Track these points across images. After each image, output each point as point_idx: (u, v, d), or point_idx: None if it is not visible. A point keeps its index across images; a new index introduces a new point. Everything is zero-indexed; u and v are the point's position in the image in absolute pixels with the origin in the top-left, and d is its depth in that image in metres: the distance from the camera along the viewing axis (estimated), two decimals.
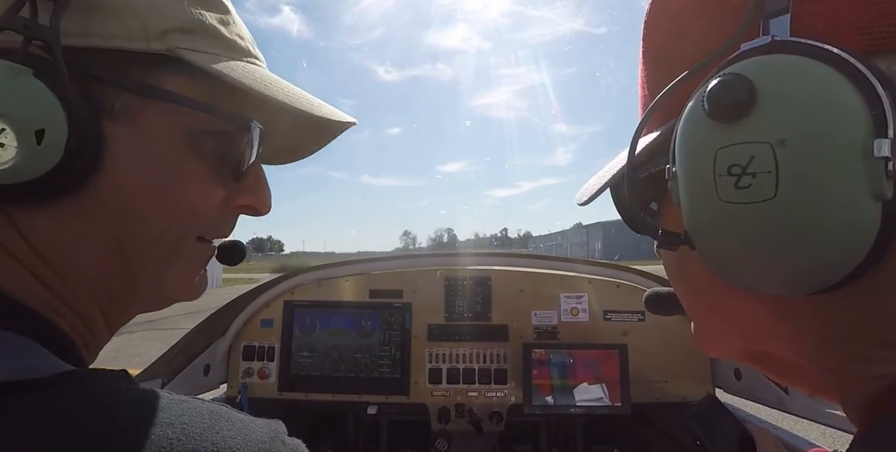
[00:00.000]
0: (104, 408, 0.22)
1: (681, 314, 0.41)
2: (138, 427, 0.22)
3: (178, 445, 0.22)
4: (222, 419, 0.25)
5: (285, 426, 0.29)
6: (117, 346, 6.40)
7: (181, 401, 0.25)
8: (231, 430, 0.24)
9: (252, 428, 0.26)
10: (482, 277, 1.31)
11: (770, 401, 1.01)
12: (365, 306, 1.29)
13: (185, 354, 1.16)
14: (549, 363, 1.18)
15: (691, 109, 0.25)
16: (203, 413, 0.25)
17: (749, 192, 0.22)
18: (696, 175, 0.25)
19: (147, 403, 0.23)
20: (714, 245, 0.26)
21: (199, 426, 0.23)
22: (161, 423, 0.22)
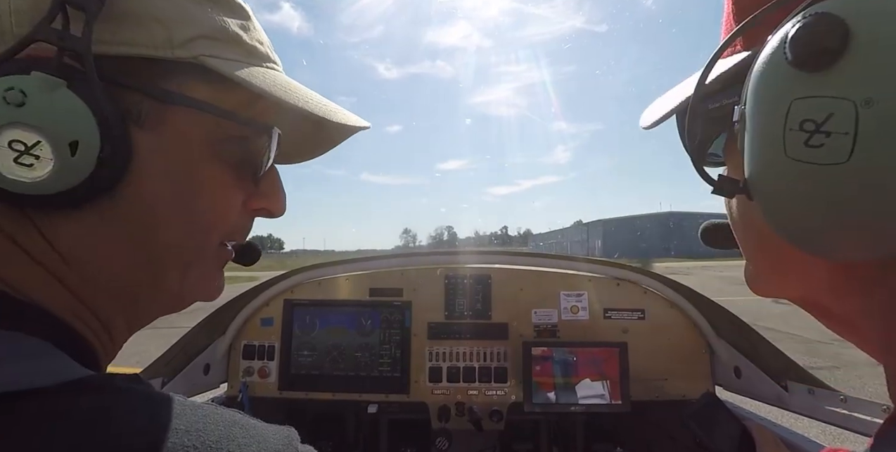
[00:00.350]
0: (119, 417, 0.22)
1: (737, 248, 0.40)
2: (154, 436, 0.22)
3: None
4: (237, 426, 0.25)
5: (286, 425, 0.29)
6: None
7: (196, 408, 0.25)
8: (246, 438, 0.25)
9: (266, 435, 0.26)
10: (482, 275, 1.31)
11: (769, 399, 1.01)
12: (365, 304, 1.29)
13: (185, 353, 1.16)
14: (553, 361, 1.18)
15: (770, 51, 0.22)
16: (218, 420, 0.25)
17: (819, 152, 0.20)
18: (765, 124, 0.23)
19: (162, 410, 0.23)
20: (773, 201, 0.24)
21: (215, 433, 0.24)
22: (177, 430, 0.22)
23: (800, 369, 0.98)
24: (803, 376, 0.96)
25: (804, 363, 1.05)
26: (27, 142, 0.25)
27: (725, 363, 1.17)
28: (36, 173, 0.26)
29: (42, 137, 0.25)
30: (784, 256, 0.29)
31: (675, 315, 1.25)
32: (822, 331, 2.14)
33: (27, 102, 0.25)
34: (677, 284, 1.27)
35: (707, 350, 1.21)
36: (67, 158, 0.26)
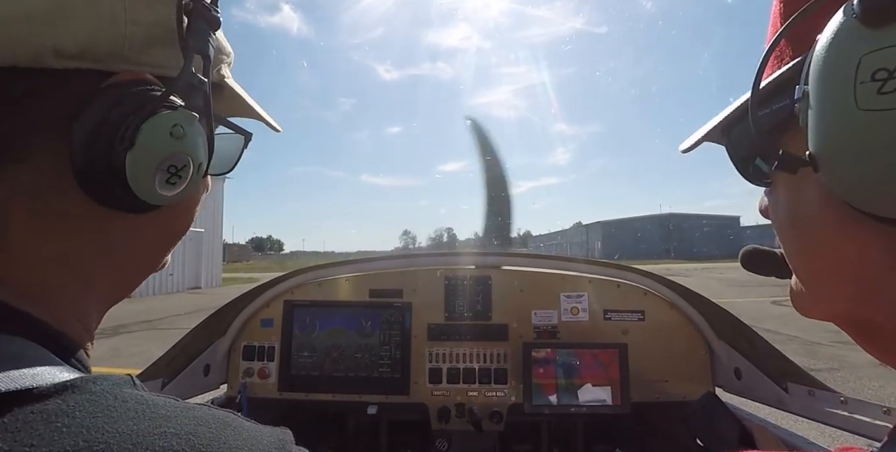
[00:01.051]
0: (107, 421, 0.22)
1: (777, 276, 0.40)
2: (142, 440, 0.21)
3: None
4: (229, 428, 0.25)
5: (286, 427, 0.29)
6: (117, 346, 6.40)
7: (187, 409, 0.25)
8: (238, 440, 0.24)
9: (258, 437, 0.26)
10: (482, 276, 1.31)
11: (770, 400, 1.01)
12: (365, 305, 1.29)
13: (185, 354, 1.16)
14: (555, 363, 1.18)
15: (837, 19, 0.23)
16: (210, 422, 0.24)
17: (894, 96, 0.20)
18: (834, 86, 0.23)
19: (152, 413, 0.23)
20: (844, 162, 0.24)
21: (206, 436, 0.23)
22: (167, 434, 0.22)
23: (800, 370, 0.98)
24: (803, 377, 0.96)
25: (804, 364, 1.06)
26: (178, 165, 0.32)
27: (725, 365, 1.16)
28: (176, 190, 0.32)
29: (189, 163, 0.32)
30: (836, 248, 0.28)
31: (676, 317, 1.25)
32: (822, 333, 2.17)
33: (184, 137, 0.31)
34: (677, 285, 1.27)
35: (707, 352, 1.21)
36: (196, 175, 0.34)
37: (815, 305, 0.33)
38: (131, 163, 0.29)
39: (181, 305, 11.11)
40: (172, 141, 0.30)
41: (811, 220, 0.29)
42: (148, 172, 0.30)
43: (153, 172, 0.30)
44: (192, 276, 16.60)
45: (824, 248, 0.29)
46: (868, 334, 0.31)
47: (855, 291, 0.29)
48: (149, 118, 0.29)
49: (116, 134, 0.28)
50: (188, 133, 0.31)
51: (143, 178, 0.30)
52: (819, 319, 0.34)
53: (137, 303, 11.30)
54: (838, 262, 0.29)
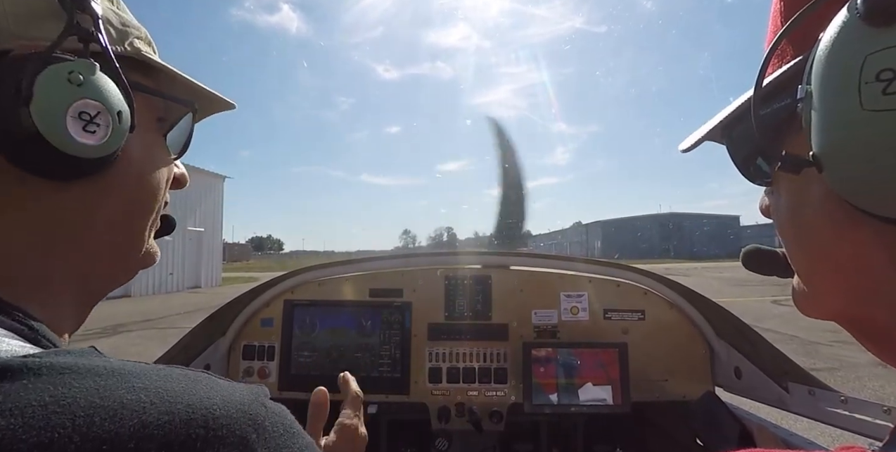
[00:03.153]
0: (75, 377, 0.22)
1: (778, 276, 0.40)
2: (109, 394, 0.21)
3: (151, 408, 0.21)
4: (200, 382, 0.25)
5: None
6: (117, 345, 6.40)
7: (159, 369, 0.25)
8: (209, 391, 0.24)
9: (232, 391, 0.25)
10: (482, 276, 1.31)
11: (770, 400, 1.01)
12: (365, 305, 1.29)
13: (185, 353, 1.16)
14: (556, 363, 1.18)
15: (841, 18, 0.23)
16: (181, 377, 0.24)
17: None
18: (838, 86, 0.23)
19: (121, 371, 0.23)
20: (847, 162, 0.24)
21: (176, 389, 0.23)
22: (135, 388, 0.22)
23: (800, 370, 0.98)
24: (804, 377, 0.96)
25: (804, 364, 1.05)
26: (91, 113, 0.32)
27: (725, 364, 1.16)
28: (98, 139, 0.32)
29: (104, 109, 0.32)
30: (838, 247, 0.28)
31: (676, 316, 1.25)
32: (822, 332, 2.16)
33: (84, 82, 0.31)
34: (677, 284, 1.27)
35: (707, 351, 1.21)
36: (117, 125, 0.33)
37: (817, 304, 0.33)
38: (37, 114, 0.29)
39: (181, 304, 11.12)
40: (73, 87, 0.31)
41: (813, 219, 0.29)
42: (58, 120, 0.30)
43: (63, 119, 0.30)
44: (191, 275, 16.60)
45: (826, 247, 0.29)
46: (869, 333, 0.31)
47: (856, 290, 0.29)
48: (42, 70, 0.30)
49: (15, 92, 0.29)
50: (89, 80, 0.32)
51: (55, 127, 0.30)
52: (821, 318, 0.34)
53: (137, 302, 11.31)
54: (840, 261, 0.29)
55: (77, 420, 0.20)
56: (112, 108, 0.33)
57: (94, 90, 0.32)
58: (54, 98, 0.30)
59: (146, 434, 0.20)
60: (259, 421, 0.24)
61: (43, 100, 0.30)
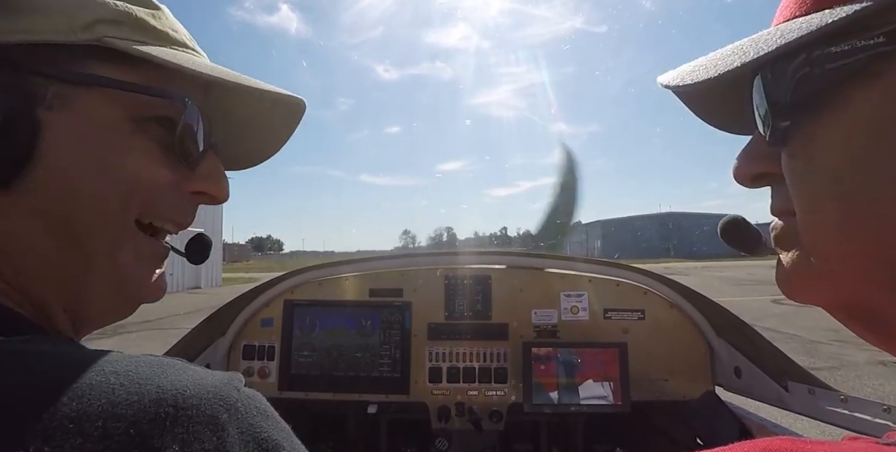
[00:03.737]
0: (43, 361, 0.22)
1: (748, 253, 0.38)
2: (78, 377, 0.21)
3: (120, 389, 0.21)
4: (174, 367, 0.24)
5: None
6: (116, 345, 6.40)
7: (133, 356, 0.24)
8: (180, 375, 0.24)
9: (205, 375, 0.25)
10: (482, 275, 1.31)
11: (770, 399, 1.01)
12: (365, 305, 1.29)
13: (185, 353, 1.16)
14: (557, 361, 1.18)
15: None
16: (153, 362, 0.24)
17: None
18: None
19: (92, 356, 0.23)
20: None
21: (146, 373, 0.23)
22: (104, 372, 0.22)
23: (800, 369, 0.98)
24: (803, 376, 0.96)
25: (804, 363, 1.05)
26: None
27: (725, 363, 1.17)
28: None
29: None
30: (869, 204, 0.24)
31: (676, 316, 1.25)
32: (821, 331, 2.17)
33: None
34: (677, 284, 1.27)
35: (707, 350, 1.21)
36: (13, 130, 0.28)
37: (825, 286, 0.29)
38: None
39: (181, 305, 11.11)
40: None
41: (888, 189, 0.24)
42: None
43: None
44: (191, 276, 16.59)
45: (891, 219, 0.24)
46: (866, 322, 0.28)
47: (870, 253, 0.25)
48: None
49: None
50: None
51: None
52: (817, 303, 0.30)
53: None
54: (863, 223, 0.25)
55: (46, 401, 0.20)
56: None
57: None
58: None
59: (114, 412, 0.20)
60: (231, 402, 0.24)
61: None
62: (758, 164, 0.32)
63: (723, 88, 0.32)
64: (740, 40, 0.30)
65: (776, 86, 0.28)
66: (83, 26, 0.31)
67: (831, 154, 0.26)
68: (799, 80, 0.26)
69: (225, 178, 0.40)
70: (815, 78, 0.26)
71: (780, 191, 0.31)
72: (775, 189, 0.32)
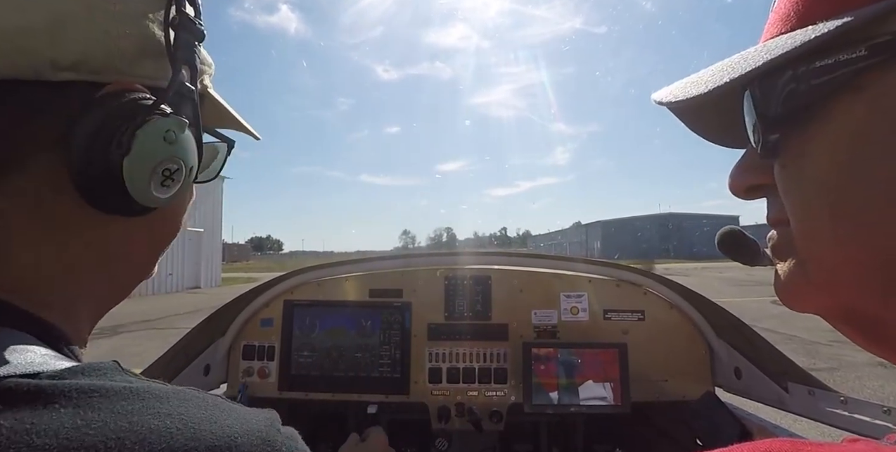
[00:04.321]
0: (102, 401, 0.23)
1: (745, 263, 0.39)
2: (137, 420, 0.22)
3: (177, 434, 0.22)
4: (219, 408, 0.26)
5: (287, 426, 0.29)
6: (116, 345, 6.39)
7: (178, 391, 0.26)
8: (228, 419, 0.25)
9: (248, 417, 0.27)
10: (482, 276, 1.31)
11: (770, 400, 1.01)
12: (365, 305, 1.29)
13: (185, 354, 1.16)
14: (557, 362, 1.18)
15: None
16: (200, 402, 0.26)
17: None
18: None
19: (145, 394, 0.24)
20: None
21: (197, 415, 0.24)
22: (160, 414, 0.23)
23: (800, 370, 0.98)
24: (803, 377, 0.96)
25: (804, 364, 1.05)
26: (171, 169, 0.33)
27: (725, 364, 1.17)
28: (170, 192, 0.34)
29: (181, 165, 0.34)
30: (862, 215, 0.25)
31: (675, 316, 1.25)
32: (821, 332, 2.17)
33: (176, 141, 0.33)
34: (677, 285, 1.27)
35: (707, 351, 1.21)
36: (188, 179, 0.35)
37: (822, 294, 0.30)
38: (128, 168, 0.30)
39: (180, 305, 11.11)
40: (166, 146, 0.32)
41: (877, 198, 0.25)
42: (144, 176, 0.31)
43: (149, 175, 0.32)
44: (191, 276, 16.59)
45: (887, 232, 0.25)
46: (864, 329, 0.29)
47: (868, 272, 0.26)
48: (143, 125, 0.31)
49: (113, 140, 0.30)
50: (180, 138, 0.33)
51: (139, 182, 0.31)
52: (814, 311, 0.31)
53: (137, 303, 11.29)
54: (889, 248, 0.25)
55: (109, 443, 0.21)
56: (189, 164, 0.35)
57: (181, 149, 0.33)
58: (149, 155, 0.31)
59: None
60: (277, 447, 0.26)
61: (137, 155, 0.31)
62: (751, 176, 0.33)
63: (715, 104, 0.33)
64: (730, 57, 0.32)
65: (764, 100, 0.29)
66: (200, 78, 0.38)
67: (820, 165, 0.27)
68: (786, 94, 0.28)
69: None
70: (801, 92, 0.27)
71: (775, 202, 0.32)
72: (770, 200, 0.33)
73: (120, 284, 0.37)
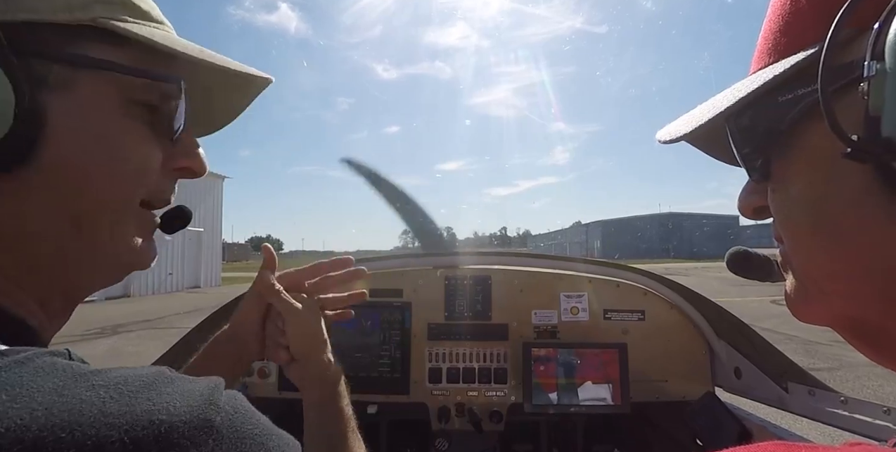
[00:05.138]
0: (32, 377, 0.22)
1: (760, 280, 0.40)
2: (68, 392, 0.22)
3: (111, 402, 0.22)
4: (161, 377, 0.26)
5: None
6: (116, 345, 6.40)
7: (119, 368, 0.25)
8: (169, 387, 0.25)
9: (191, 384, 0.26)
10: (482, 276, 1.31)
11: (770, 400, 1.01)
12: (365, 305, 1.28)
13: (184, 353, 1.15)
14: (556, 362, 1.18)
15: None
16: (141, 373, 0.25)
17: None
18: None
19: (80, 370, 0.24)
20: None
21: (136, 384, 0.24)
22: (95, 386, 0.22)
23: (800, 370, 0.98)
24: (803, 377, 0.96)
25: (804, 364, 1.06)
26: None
27: (725, 364, 1.17)
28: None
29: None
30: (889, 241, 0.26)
31: (675, 316, 1.25)
32: (821, 332, 2.17)
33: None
34: (677, 285, 1.27)
35: (707, 351, 1.21)
36: (21, 112, 0.28)
37: (825, 308, 0.31)
38: None
39: (180, 304, 11.11)
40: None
41: (849, 217, 0.27)
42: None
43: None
44: (191, 275, 16.59)
45: (864, 248, 0.27)
46: (870, 339, 0.30)
47: (887, 293, 0.27)
48: None
49: None
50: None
51: None
52: (821, 323, 0.32)
53: (136, 303, 11.30)
54: (880, 264, 0.26)
55: (35, 413, 0.20)
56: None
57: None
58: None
59: (107, 421, 0.21)
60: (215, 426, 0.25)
61: None
62: (755, 198, 0.35)
63: (712, 136, 0.37)
64: (720, 93, 0.35)
65: (742, 132, 0.33)
66: (80, 6, 0.31)
67: (800, 186, 0.30)
68: (760, 125, 0.31)
69: (202, 152, 0.42)
70: (773, 122, 0.30)
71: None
72: (774, 220, 0.35)
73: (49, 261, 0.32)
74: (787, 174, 0.31)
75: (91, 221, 0.33)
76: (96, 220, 0.33)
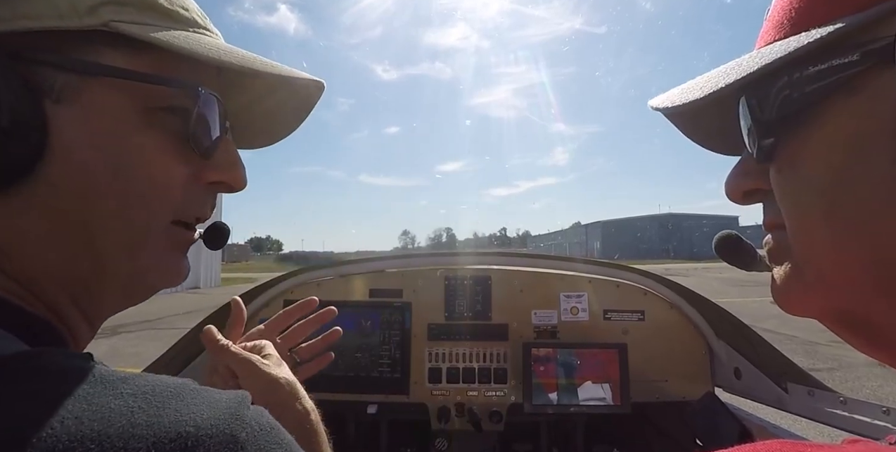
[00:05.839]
0: (59, 383, 0.21)
1: (742, 267, 0.39)
2: (96, 400, 0.21)
3: (139, 412, 0.21)
4: (187, 388, 0.25)
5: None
6: (116, 345, 6.40)
7: (144, 375, 0.24)
8: (196, 398, 0.24)
9: (217, 396, 0.25)
10: (482, 276, 1.31)
11: (769, 400, 1.01)
12: (365, 305, 1.29)
13: (184, 354, 1.16)
14: (556, 362, 1.18)
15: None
16: (168, 383, 0.24)
17: None
18: None
19: (108, 376, 0.23)
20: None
21: (164, 394, 0.23)
22: (123, 394, 0.22)
23: (799, 370, 0.98)
24: (803, 377, 0.96)
25: (803, 364, 1.06)
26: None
27: (725, 365, 1.17)
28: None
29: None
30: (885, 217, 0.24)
31: (675, 317, 1.25)
32: (820, 332, 2.17)
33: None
34: (677, 285, 1.27)
35: (707, 352, 1.21)
36: (16, 129, 0.26)
37: (819, 298, 0.30)
38: None
39: (180, 305, 11.10)
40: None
41: (870, 198, 0.25)
42: None
43: None
44: (191, 276, 16.36)
45: (877, 231, 0.25)
46: (863, 333, 0.29)
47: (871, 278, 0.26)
48: None
49: None
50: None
51: None
52: (811, 315, 0.31)
53: None
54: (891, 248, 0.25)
55: (66, 422, 0.20)
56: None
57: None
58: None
59: (135, 433, 0.20)
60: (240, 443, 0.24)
61: None
62: (748, 180, 0.33)
63: (711, 110, 0.34)
64: (726, 64, 0.32)
65: (760, 105, 0.30)
66: (87, 9, 0.29)
67: (815, 168, 0.28)
68: (781, 98, 0.28)
69: (241, 165, 0.39)
70: (795, 96, 0.27)
71: (771, 206, 0.32)
72: (766, 205, 0.33)
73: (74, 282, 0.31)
74: (801, 155, 0.28)
75: (104, 244, 0.31)
76: (109, 243, 0.31)
